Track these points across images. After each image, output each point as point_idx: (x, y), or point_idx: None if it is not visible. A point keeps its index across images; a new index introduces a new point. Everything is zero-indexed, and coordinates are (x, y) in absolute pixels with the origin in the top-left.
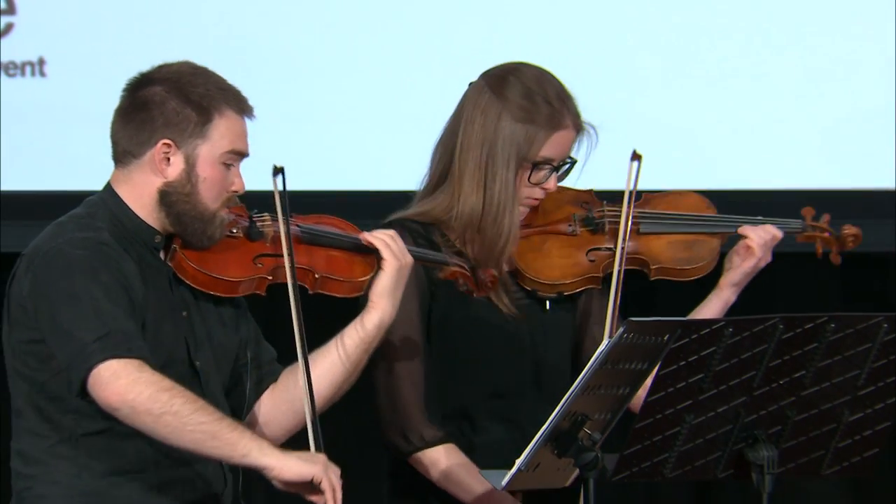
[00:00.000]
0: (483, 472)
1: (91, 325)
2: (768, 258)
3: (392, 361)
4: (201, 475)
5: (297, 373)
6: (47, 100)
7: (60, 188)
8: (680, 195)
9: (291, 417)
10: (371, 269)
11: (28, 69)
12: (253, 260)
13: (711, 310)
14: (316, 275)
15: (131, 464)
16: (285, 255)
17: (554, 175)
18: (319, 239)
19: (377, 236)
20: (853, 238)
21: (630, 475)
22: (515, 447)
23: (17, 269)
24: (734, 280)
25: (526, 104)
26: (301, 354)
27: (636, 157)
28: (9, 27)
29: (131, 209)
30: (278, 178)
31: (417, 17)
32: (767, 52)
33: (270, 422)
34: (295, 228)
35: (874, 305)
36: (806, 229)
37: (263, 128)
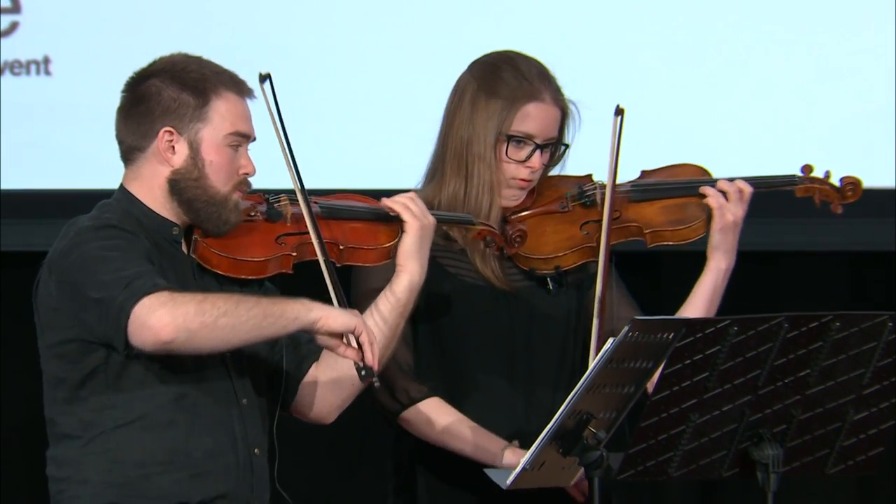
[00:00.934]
0: (487, 470)
1: (115, 284)
2: (735, 211)
3: None
4: (232, 466)
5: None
6: (52, 99)
7: (65, 187)
8: (676, 166)
9: (339, 393)
10: (395, 234)
11: (33, 68)
12: (276, 240)
13: (705, 280)
14: (341, 246)
15: (162, 454)
16: (292, 176)
17: (538, 153)
18: (339, 213)
19: (396, 200)
20: (852, 187)
21: (635, 474)
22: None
23: (41, 276)
24: (712, 243)
25: (501, 81)
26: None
27: (619, 111)
28: (14, 26)
29: (145, 204)
30: (266, 86)
31: (419, 18)
32: (768, 52)
33: (318, 401)
34: (314, 206)
35: (878, 304)
36: (804, 181)
37: (269, 126)
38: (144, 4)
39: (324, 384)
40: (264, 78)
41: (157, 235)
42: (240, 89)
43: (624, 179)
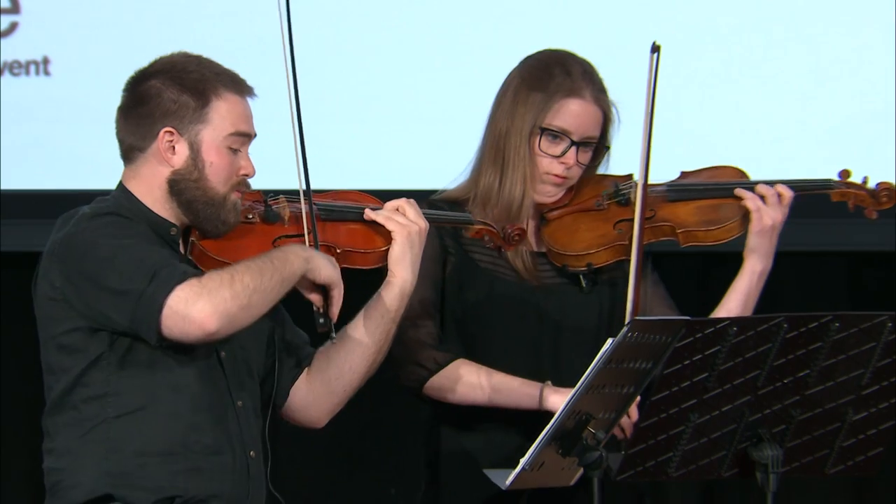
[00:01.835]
0: (487, 471)
1: (138, 274)
2: (774, 215)
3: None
4: (229, 467)
5: (328, 354)
6: (51, 99)
7: (65, 187)
8: (716, 168)
9: (330, 399)
10: (391, 237)
11: (32, 68)
12: (272, 242)
13: (739, 282)
14: (338, 250)
15: (161, 445)
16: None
17: (573, 150)
18: (337, 214)
19: (380, 213)
20: (887, 193)
21: (634, 474)
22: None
23: (39, 269)
24: (749, 245)
25: (543, 74)
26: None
27: (655, 48)
28: (13, 26)
29: (144, 203)
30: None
31: (422, 17)
32: (768, 52)
33: (309, 405)
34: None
35: (878, 305)
36: (840, 186)
37: (271, 128)
38: (144, 5)
39: (315, 389)
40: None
41: (154, 235)
42: (240, 89)
43: (662, 180)
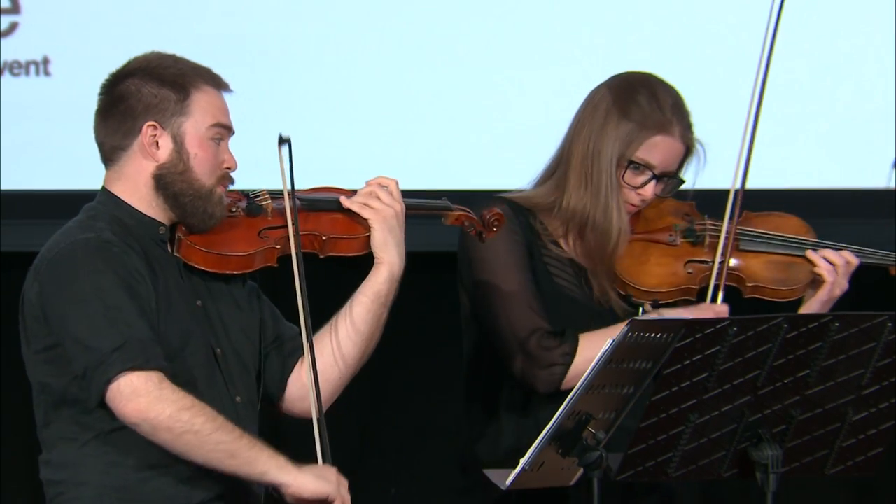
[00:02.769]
0: (486, 471)
1: (105, 334)
2: (843, 285)
3: (504, 305)
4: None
5: (321, 343)
6: (51, 99)
7: (64, 187)
8: (781, 217)
9: (324, 388)
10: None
11: (32, 68)
12: (258, 234)
13: None
14: (323, 237)
15: (160, 457)
16: (290, 227)
17: (653, 183)
18: (318, 205)
19: (354, 200)
20: None
21: (634, 474)
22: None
23: (25, 284)
24: (806, 307)
25: (636, 105)
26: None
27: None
28: (13, 26)
29: (130, 205)
30: (284, 149)
31: (414, 15)
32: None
33: (305, 396)
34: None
35: (878, 305)
36: None
37: (266, 127)
38: (144, 5)
39: (307, 384)
40: (284, 141)
41: (144, 238)
42: (217, 83)
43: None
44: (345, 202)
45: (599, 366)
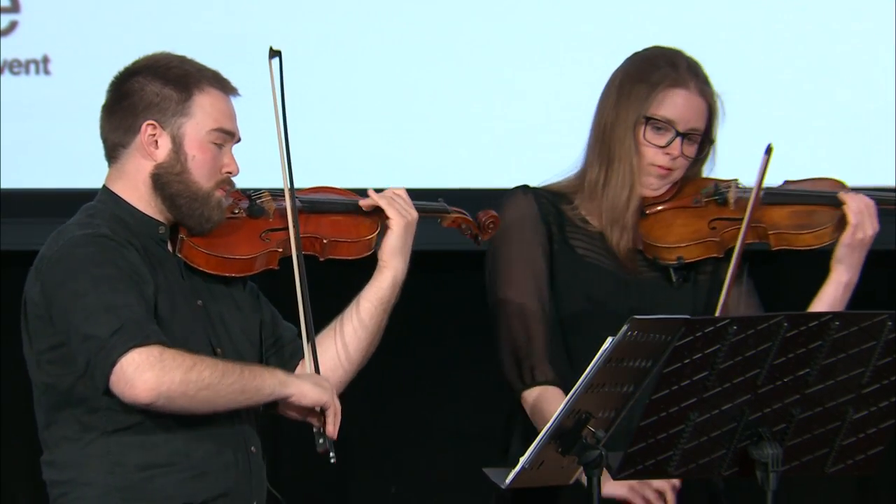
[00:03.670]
0: (486, 469)
1: (104, 321)
2: (867, 229)
3: (512, 308)
4: (232, 465)
5: (323, 345)
6: (51, 98)
7: (64, 186)
8: (819, 179)
9: None
10: (376, 226)
11: (32, 67)
12: (260, 236)
13: (825, 293)
14: (324, 240)
15: (163, 456)
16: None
17: (678, 140)
18: (321, 206)
19: (383, 195)
20: None
21: (634, 473)
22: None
23: (28, 282)
24: (837, 256)
25: (648, 67)
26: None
27: (769, 150)
28: (13, 25)
29: (129, 203)
30: (275, 62)
31: (414, 14)
32: (767, 51)
33: None
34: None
35: (878, 304)
36: None
37: (266, 127)
38: (143, 4)
39: None
40: (275, 54)
41: (143, 236)
42: (223, 87)
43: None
44: (371, 196)
45: (599, 364)
